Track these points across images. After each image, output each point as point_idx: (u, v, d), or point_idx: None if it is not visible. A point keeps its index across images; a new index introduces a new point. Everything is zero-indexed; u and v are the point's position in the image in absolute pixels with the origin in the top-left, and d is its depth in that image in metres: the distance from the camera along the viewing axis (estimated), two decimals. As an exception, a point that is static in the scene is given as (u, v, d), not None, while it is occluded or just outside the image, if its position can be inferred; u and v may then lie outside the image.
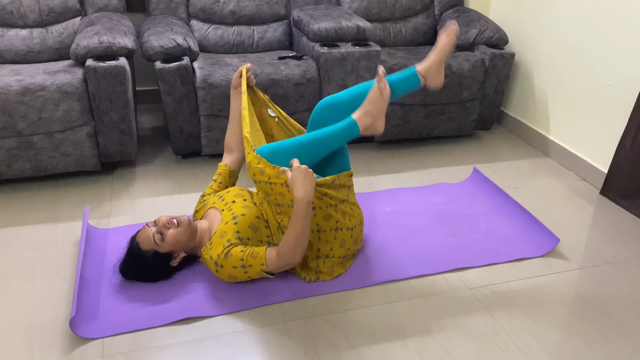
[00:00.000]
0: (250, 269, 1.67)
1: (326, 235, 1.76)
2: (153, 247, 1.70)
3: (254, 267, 1.67)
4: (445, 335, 1.63)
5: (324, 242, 1.77)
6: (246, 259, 1.66)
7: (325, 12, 2.80)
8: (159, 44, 2.37)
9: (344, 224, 1.77)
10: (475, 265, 1.94)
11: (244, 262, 1.67)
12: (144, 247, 1.71)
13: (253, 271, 1.68)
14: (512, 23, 3.12)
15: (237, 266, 1.67)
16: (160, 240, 1.70)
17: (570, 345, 1.62)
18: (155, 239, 1.70)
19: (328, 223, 1.75)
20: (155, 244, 1.70)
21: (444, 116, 2.87)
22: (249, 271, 1.68)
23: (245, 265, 1.67)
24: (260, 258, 1.66)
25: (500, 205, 2.33)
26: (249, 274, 1.69)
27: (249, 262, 1.67)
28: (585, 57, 2.60)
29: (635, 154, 2.33)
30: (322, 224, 1.74)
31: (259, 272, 1.68)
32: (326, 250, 1.78)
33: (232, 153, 2.04)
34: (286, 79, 2.51)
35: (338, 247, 1.79)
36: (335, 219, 1.75)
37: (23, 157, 2.23)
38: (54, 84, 2.15)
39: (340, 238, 1.78)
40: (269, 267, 1.66)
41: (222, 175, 2.01)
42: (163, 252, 1.72)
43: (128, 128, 2.36)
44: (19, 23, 2.56)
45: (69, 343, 1.54)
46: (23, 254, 1.92)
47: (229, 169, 2.02)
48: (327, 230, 1.76)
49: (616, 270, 1.97)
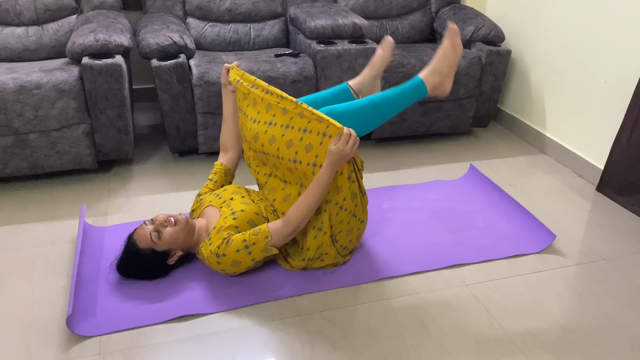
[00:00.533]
0: (254, 247, 1.67)
1: (343, 214, 1.73)
2: (150, 245, 1.70)
3: (258, 244, 1.67)
4: (442, 331, 1.63)
5: (338, 221, 1.74)
6: (249, 239, 1.67)
7: (322, 9, 2.80)
8: (155, 41, 2.37)
9: (359, 213, 1.78)
10: (472, 262, 1.95)
11: (247, 242, 1.67)
12: (141, 245, 1.71)
13: (257, 249, 1.68)
14: (508, 20, 3.12)
15: (240, 249, 1.67)
16: (157, 238, 1.70)
17: (566, 341, 1.62)
18: (152, 237, 1.70)
19: (351, 203, 1.72)
20: (152, 242, 1.70)
21: (441, 113, 2.87)
22: (253, 251, 1.68)
23: (249, 245, 1.67)
24: (263, 232, 1.68)
25: (497, 202, 2.34)
26: (253, 255, 1.69)
27: (252, 240, 1.67)
28: (581, 54, 2.60)
29: (631, 150, 2.34)
30: (348, 201, 1.71)
31: (263, 247, 1.68)
32: (336, 231, 1.76)
33: (227, 152, 2.04)
34: (283, 76, 2.51)
35: (345, 234, 1.79)
36: (355, 203, 1.74)
37: (19, 156, 2.23)
38: (50, 82, 2.15)
39: (352, 225, 1.78)
40: (274, 238, 1.68)
41: (217, 174, 2.01)
42: (160, 250, 1.72)
43: (125, 126, 2.35)
44: (14, 21, 2.55)
45: (67, 340, 1.54)
46: (20, 252, 1.92)
47: (225, 167, 2.02)
48: (348, 211, 1.73)
49: (612, 266, 1.98)
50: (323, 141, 1.61)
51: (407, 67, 2.68)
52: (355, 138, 1.56)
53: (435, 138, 3.05)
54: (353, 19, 2.68)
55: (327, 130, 1.60)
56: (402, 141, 2.98)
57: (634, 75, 2.32)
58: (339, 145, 1.55)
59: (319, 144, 1.62)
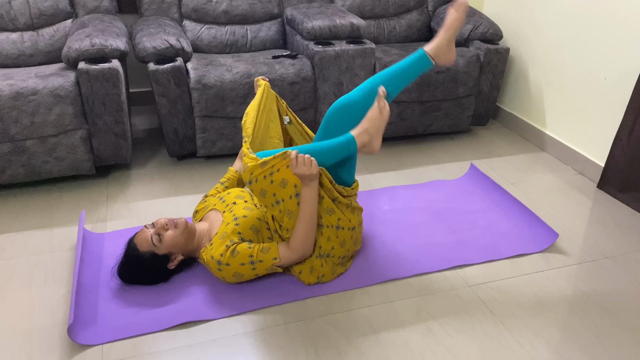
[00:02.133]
0: (260, 264, 1.68)
1: (328, 231, 1.75)
2: (151, 248, 1.70)
3: (264, 262, 1.68)
4: (447, 333, 1.62)
5: (325, 239, 1.76)
6: (256, 255, 1.67)
7: (319, 10, 2.79)
8: (151, 45, 2.35)
9: (345, 223, 1.76)
10: (474, 262, 1.94)
11: (254, 258, 1.67)
12: (142, 248, 1.70)
13: (262, 267, 1.69)
14: (506, 18, 3.11)
15: (246, 263, 1.67)
16: (158, 241, 1.69)
17: (571, 340, 1.61)
18: (153, 240, 1.69)
19: (330, 218, 1.74)
20: (153, 245, 1.69)
21: (440, 113, 2.86)
22: (257, 267, 1.68)
23: (255, 262, 1.67)
24: (272, 252, 1.69)
25: (498, 201, 2.33)
26: (257, 271, 1.69)
27: (259, 258, 1.67)
28: (580, 50, 2.59)
29: (632, 147, 2.33)
30: (325, 217, 1.73)
31: (269, 266, 1.69)
32: (327, 249, 1.77)
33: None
34: (281, 78, 2.49)
35: (339, 246, 1.78)
36: (338, 216, 1.74)
37: (16, 162, 2.21)
38: (46, 87, 2.13)
39: (342, 237, 1.78)
40: (282, 261, 1.69)
41: (230, 181, 2.03)
42: (161, 253, 1.71)
43: (122, 131, 2.34)
44: (9, 26, 2.53)
45: (68, 349, 1.52)
46: (19, 260, 1.90)
47: (239, 175, 2.04)
48: (330, 227, 1.75)
49: (615, 264, 1.97)
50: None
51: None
52: (302, 157, 1.59)
53: (434, 137, 3.04)
54: (350, 19, 2.67)
55: (282, 164, 1.63)
56: (401, 141, 2.97)
57: (633, 71, 2.31)
58: (294, 170, 1.60)
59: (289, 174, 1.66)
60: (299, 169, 1.59)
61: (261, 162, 1.63)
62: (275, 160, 1.62)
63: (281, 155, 1.62)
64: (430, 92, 2.77)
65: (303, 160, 1.59)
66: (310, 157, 1.60)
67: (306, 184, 1.64)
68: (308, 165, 1.59)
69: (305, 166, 1.59)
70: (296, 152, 1.61)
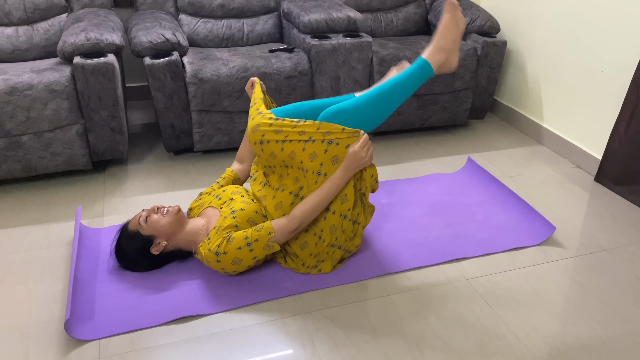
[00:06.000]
0: (256, 244, 1.67)
1: (347, 224, 1.75)
2: (136, 227, 1.75)
3: (260, 240, 1.68)
4: (444, 326, 1.62)
5: (342, 231, 1.75)
6: (251, 235, 1.67)
7: (316, 3, 2.77)
8: (147, 39, 2.34)
9: (362, 219, 1.78)
10: (472, 256, 1.94)
11: (249, 239, 1.67)
12: (130, 227, 1.77)
13: (259, 245, 1.68)
14: (503, 11, 3.10)
15: (242, 246, 1.67)
16: (144, 221, 1.75)
17: (568, 332, 1.62)
18: (140, 220, 1.75)
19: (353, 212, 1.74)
20: (138, 225, 1.75)
21: (437, 106, 2.86)
22: (254, 248, 1.68)
23: (251, 242, 1.67)
24: (266, 228, 1.68)
25: (495, 194, 2.32)
26: (255, 252, 1.69)
27: (254, 237, 1.67)
28: (578, 43, 2.59)
29: (629, 140, 2.33)
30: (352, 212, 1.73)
31: (266, 243, 1.68)
32: (341, 241, 1.77)
33: (242, 163, 2.06)
34: (277, 72, 2.48)
35: (349, 240, 1.80)
36: (358, 212, 1.76)
37: (12, 158, 2.20)
38: (41, 82, 2.12)
39: (354, 232, 1.79)
40: (277, 234, 1.68)
41: (226, 180, 2.02)
42: (144, 234, 1.74)
43: (118, 126, 2.33)
44: (3, 21, 2.51)
45: (65, 345, 1.52)
46: (15, 255, 1.90)
47: (235, 175, 2.04)
48: (350, 220, 1.74)
49: (612, 257, 1.98)
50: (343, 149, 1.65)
51: (402, 60, 2.66)
52: (368, 144, 1.61)
53: (432, 131, 3.03)
54: (347, 12, 2.66)
55: (346, 140, 1.63)
56: (399, 135, 2.97)
57: (631, 64, 2.31)
58: (356, 149, 1.61)
59: (344, 148, 1.65)
60: (357, 149, 1.59)
61: (324, 131, 1.62)
62: (341, 134, 1.62)
63: (352, 132, 1.61)
64: (427, 85, 2.76)
65: (368, 147, 1.60)
66: (371, 147, 1.60)
67: (346, 169, 1.62)
68: (366, 151, 1.61)
69: (364, 151, 1.60)
70: (366, 136, 1.61)
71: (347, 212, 1.72)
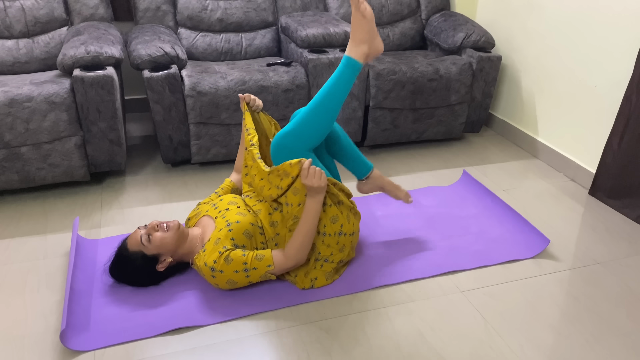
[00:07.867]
0: (253, 272, 1.68)
1: (329, 239, 1.77)
2: (140, 248, 1.71)
3: (258, 270, 1.69)
4: (439, 338, 1.63)
5: (325, 246, 1.78)
6: (250, 262, 1.68)
7: (313, 18, 2.81)
8: (146, 52, 2.36)
9: (348, 228, 1.79)
10: (466, 268, 1.95)
11: (248, 266, 1.67)
12: (132, 247, 1.72)
13: (256, 274, 1.69)
14: (498, 26, 3.14)
15: (239, 270, 1.67)
16: (147, 241, 1.71)
17: (562, 345, 1.62)
18: (142, 239, 1.71)
19: (333, 226, 1.75)
20: (141, 245, 1.71)
21: (433, 120, 2.89)
22: (251, 275, 1.69)
23: (249, 269, 1.68)
24: (266, 260, 1.69)
25: (490, 207, 2.34)
26: (251, 278, 1.70)
27: (253, 265, 1.68)
28: (572, 58, 2.62)
29: (622, 154, 2.36)
30: (329, 226, 1.75)
31: (263, 274, 1.70)
32: (326, 254, 1.79)
33: (240, 173, 2.08)
34: (275, 85, 2.51)
35: (338, 252, 1.80)
36: (341, 222, 1.76)
37: (11, 169, 2.21)
38: (41, 94, 2.14)
39: (342, 243, 1.79)
40: (276, 268, 1.70)
41: (224, 190, 2.04)
42: (149, 254, 1.72)
43: (117, 137, 2.34)
44: (4, 34, 2.54)
45: (61, 355, 1.52)
46: (12, 266, 1.90)
47: (233, 185, 2.06)
48: (332, 234, 1.76)
49: (606, 270, 1.99)
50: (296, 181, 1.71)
51: (398, 75, 2.69)
52: (313, 169, 1.63)
53: (427, 144, 3.06)
54: (344, 27, 2.69)
55: (292, 171, 1.67)
56: (394, 148, 2.99)
57: (623, 79, 2.34)
58: (306, 181, 1.64)
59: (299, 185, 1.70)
60: (308, 180, 1.62)
61: (270, 170, 1.70)
62: (290, 169, 1.67)
63: (295, 164, 1.65)
64: (423, 99, 2.79)
65: (314, 172, 1.62)
66: (320, 169, 1.63)
67: (312, 195, 1.66)
68: (318, 177, 1.63)
69: (315, 178, 1.62)
70: (309, 162, 1.63)
71: (324, 229, 1.75)
